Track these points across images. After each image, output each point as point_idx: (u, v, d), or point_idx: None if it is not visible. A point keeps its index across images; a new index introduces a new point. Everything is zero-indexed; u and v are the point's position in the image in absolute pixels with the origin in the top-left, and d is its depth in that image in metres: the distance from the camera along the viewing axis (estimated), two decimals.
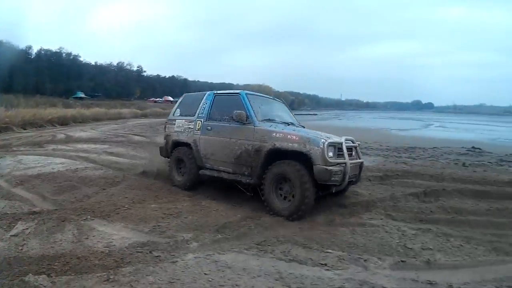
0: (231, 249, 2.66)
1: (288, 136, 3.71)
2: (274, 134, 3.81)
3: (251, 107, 4.16)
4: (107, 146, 8.34)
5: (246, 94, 4.34)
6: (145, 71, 60.58)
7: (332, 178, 3.41)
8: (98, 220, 3.19)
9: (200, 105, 4.73)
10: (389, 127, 22.15)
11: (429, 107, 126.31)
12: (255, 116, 4.07)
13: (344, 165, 3.53)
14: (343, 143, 3.68)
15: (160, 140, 5.80)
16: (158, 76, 64.24)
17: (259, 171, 3.84)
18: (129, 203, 3.72)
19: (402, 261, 2.62)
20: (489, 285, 2.32)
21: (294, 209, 3.49)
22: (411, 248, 2.87)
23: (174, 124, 5.01)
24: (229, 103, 4.39)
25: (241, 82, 72.98)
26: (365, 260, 2.58)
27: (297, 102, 59.88)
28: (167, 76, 66.12)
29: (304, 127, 4.63)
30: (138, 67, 59.12)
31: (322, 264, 2.47)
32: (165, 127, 5.32)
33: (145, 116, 25.14)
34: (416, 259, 2.68)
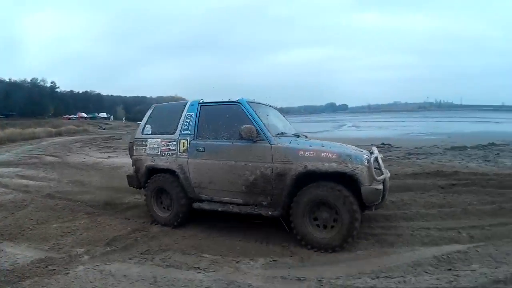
0: (117, 260, 2.84)
1: (322, 155, 3.01)
2: (301, 152, 3.07)
3: (259, 119, 3.36)
4: (20, 169, 8.16)
5: (247, 102, 3.50)
6: (58, 87, 59.79)
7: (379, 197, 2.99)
8: (6, 242, 3.36)
9: (182, 119, 3.74)
10: (301, 130, 23.13)
11: (343, 108, 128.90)
12: (268, 130, 3.29)
13: (384, 180, 3.09)
14: (379, 156, 3.21)
15: (73, 159, 6.11)
16: (71, 91, 63.40)
17: (285, 199, 3.12)
18: (33, 225, 3.85)
19: (274, 260, 2.75)
20: (365, 277, 2.40)
21: (342, 238, 2.92)
22: (286, 246, 3.02)
23: (146, 145, 3.93)
24: (224, 115, 3.57)
25: (154, 94, 73.10)
26: (237, 262, 2.71)
27: None
28: (80, 92, 65.10)
29: (307, 137, 3.96)
30: (51, 83, 58.43)
31: (195, 267, 2.63)
32: (130, 149, 4.21)
33: (59, 134, 24.50)
34: (291, 257, 2.81)
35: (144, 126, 4.02)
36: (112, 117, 53.01)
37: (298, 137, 3.64)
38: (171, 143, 3.69)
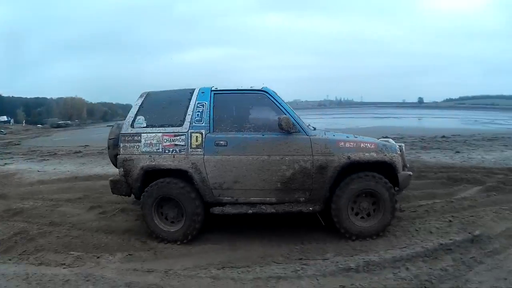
0: None
1: (362, 145, 3.00)
2: (342, 143, 2.99)
3: (291, 109, 3.10)
4: None
5: (273, 91, 3.19)
6: None
7: None
8: None
9: (191, 109, 3.12)
10: None
11: None
12: (302, 121, 3.07)
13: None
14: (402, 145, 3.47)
15: None
16: None
17: (326, 193, 2.98)
18: None
19: (130, 254, 2.92)
20: (211, 268, 2.58)
21: (384, 224, 3.01)
22: (146, 243, 3.14)
23: (139, 141, 3.11)
24: (247, 105, 3.28)
25: (55, 95, 69.47)
26: (98, 257, 2.89)
27: (110, 113, 54.69)
28: None
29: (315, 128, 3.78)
30: None
31: (62, 264, 2.81)
32: (114, 146, 3.34)
33: None
34: (147, 252, 2.97)
35: (135, 118, 3.19)
36: (12, 121, 46.82)
37: (315, 129, 3.37)
38: (177, 137, 3.02)
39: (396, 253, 2.61)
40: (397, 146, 3.17)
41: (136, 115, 3.19)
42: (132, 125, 3.16)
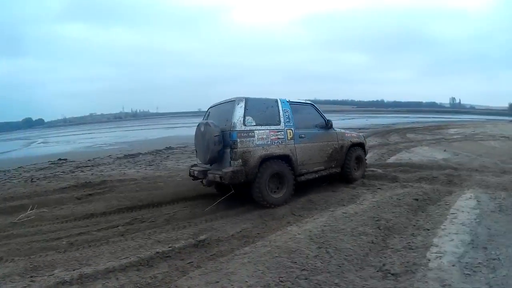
0: None
1: (353, 135, 5.82)
2: (347, 134, 5.65)
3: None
4: None
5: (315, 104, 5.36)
6: None
7: None
8: None
9: (281, 113, 4.62)
10: None
11: (40, 123, 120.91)
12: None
13: None
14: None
15: None
16: None
17: (343, 161, 5.41)
18: None
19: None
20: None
21: (363, 171, 5.82)
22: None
23: (253, 137, 4.24)
24: (306, 112, 5.11)
25: None
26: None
27: None
28: None
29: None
30: None
31: None
32: (218, 143, 4.20)
33: None
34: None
35: (245, 118, 4.20)
36: None
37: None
38: (279, 132, 4.47)
39: (111, 264, 2.68)
40: (363, 135, 6.19)
41: (245, 115, 4.20)
42: (244, 124, 4.17)
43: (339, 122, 22.49)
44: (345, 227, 3.09)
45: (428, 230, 3.14)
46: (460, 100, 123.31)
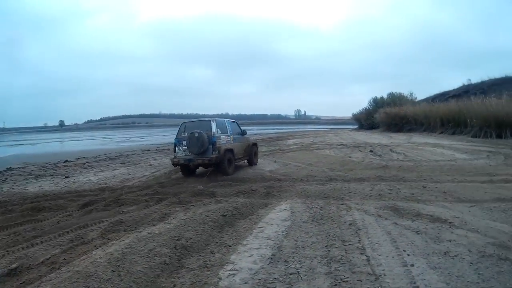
0: None
1: (251, 138, 10.44)
2: (250, 138, 10.15)
3: (239, 127, 9.30)
4: None
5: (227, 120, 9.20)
6: None
7: None
8: None
9: (227, 127, 8.46)
10: None
11: None
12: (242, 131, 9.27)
13: None
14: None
15: None
16: None
17: (249, 153, 9.32)
18: None
19: None
20: None
21: (257, 160, 9.92)
22: None
23: (221, 139, 7.86)
24: (233, 125, 8.98)
25: None
26: None
27: None
28: None
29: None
30: None
31: None
32: (216, 142, 7.88)
33: None
34: None
35: (217, 129, 7.98)
36: None
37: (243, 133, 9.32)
38: (228, 137, 8.32)
39: None
40: (254, 138, 11.79)
41: (217, 128, 7.75)
42: (217, 132, 7.72)
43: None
44: (144, 248, 2.99)
45: (230, 246, 3.13)
46: (305, 111, 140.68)
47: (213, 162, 7.43)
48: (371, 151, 11.61)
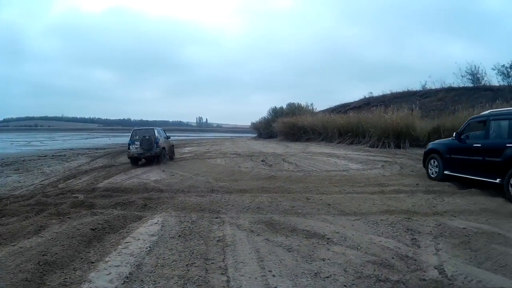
0: None
1: (171, 142, 14.51)
2: (171, 140, 14.52)
3: (164, 132, 13.65)
4: None
5: (159, 128, 13.76)
6: None
7: None
8: None
9: (161, 133, 13.07)
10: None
11: None
12: (166, 135, 13.91)
13: None
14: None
15: None
16: None
17: (172, 150, 14.19)
18: None
19: None
20: None
21: (173, 157, 14.21)
22: None
23: (159, 140, 12.25)
24: (162, 131, 13.36)
25: None
26: None
27: None
28: None
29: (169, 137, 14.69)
30: None
31: None
32: (158, 142, 12.19)
33: None
34: None
35: (159, 133, 13.05)
36: None
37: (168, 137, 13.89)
38: (162, 139, 12.94)
39: None
40: (171, 141, 14.65)
41: (159, 132, 12.64)
42: (159, 135, 12.55)
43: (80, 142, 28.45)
44: (12, 264, 2.95)
45: (92, 263, 3.05)
46: (207, 119, 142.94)
47: (157, 155, 11.71)
48: (263, 160, 11.80)
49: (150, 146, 11.49)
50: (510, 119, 5.84)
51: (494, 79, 21.81)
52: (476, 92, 20.90)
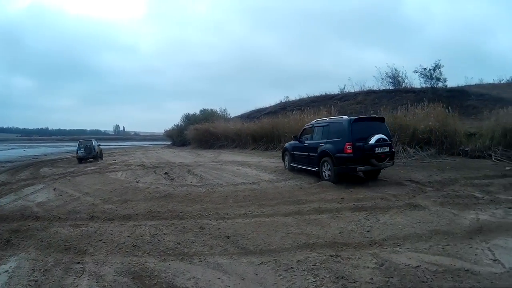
0: None
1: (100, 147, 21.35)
2: (99, 145, 21.01)
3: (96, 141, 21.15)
4: None
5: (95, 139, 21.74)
6: None
7: None
8: None
9: (96, 142, 20.95)
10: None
11: None
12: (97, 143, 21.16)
13: None
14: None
15: None
16: None
17: (101, 154, 21.23)
18: None
19: None
20: None
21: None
22: None
23: (95, 147, 19.90)
24: (97, 141, 21.26)
25: None
26: None
27: None
28: None
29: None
30: None
31: None
32: (96, 148, 20.31)
33: None
34: None
35: (95, 142, 20.70)
36: None
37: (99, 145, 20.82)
38: (98, 146, 20.41)
39: None
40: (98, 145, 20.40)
41: (96, 141, 20.97)
42: (96, 143, 20.56)
43: None
44: None
45: None
46: (124, 127, 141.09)
47: (96, 157, 18.96)
48: (166, 173, 11.15)
49: (90, 151, 19.01)
50: (324, 126, 8.52)
51: (416, 82, 22.36)
52: (397, 94, 21.58)
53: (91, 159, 18.63)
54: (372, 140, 7.24)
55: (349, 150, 7.25)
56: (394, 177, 8.05)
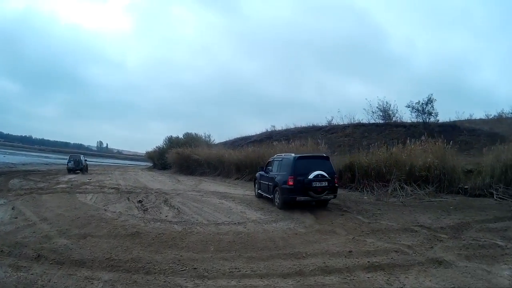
0: None
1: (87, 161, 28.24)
2: (86, 161, 27.39)
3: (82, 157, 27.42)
4: None
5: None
6: None
7: None
8: None
9: (84, 157, 27.24)
10: None
11: None
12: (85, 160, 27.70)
13: None
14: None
15: None
16: None
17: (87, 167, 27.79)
18: None
19: None
20: None
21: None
22: None
23: (83, 162, 26.35)
24: (84, 156, 27.99)
25: None
26: None
27: None
28: None
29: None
30: None
31: None
32: (84, 163, 26.99)
33: None
34: None
35: (83, 158, 26.75)
36: None
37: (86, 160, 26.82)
38: (85, 160, 26.63)
39: None
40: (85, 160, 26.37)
41: (83, 157, 28.10)
42: (83, 159, 27.23)
43: None
44: None
45: None
46: (107, 144, 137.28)
47: (82, 169, 24.52)
48: (140, 201, 10.11)
49: (78, 164, 24.43)
50: (279, 160, 9.89)
51: (406, 116, 22.16)
52: (387, 128, 21.41)
53: (78, 171, 24.31)
54: (311, 176, 8.34)
55: (291, 183, 8.51)
56: (398, 220, 7.21)
